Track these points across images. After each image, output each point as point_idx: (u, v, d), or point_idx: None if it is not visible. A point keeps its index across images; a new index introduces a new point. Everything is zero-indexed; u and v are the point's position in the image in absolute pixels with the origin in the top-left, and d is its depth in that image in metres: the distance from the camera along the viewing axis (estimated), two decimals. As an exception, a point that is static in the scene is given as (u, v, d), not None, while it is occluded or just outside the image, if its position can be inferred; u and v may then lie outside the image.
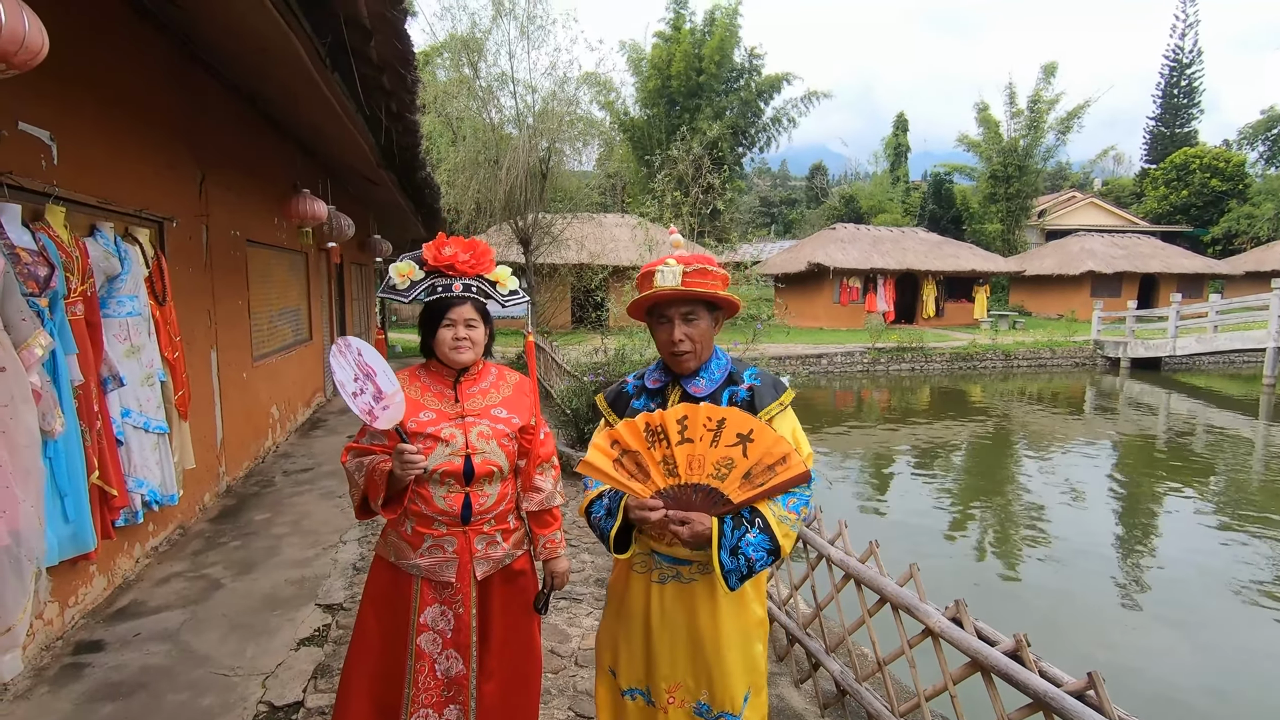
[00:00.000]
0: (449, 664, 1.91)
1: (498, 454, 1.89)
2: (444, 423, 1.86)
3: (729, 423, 1.68)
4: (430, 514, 1.86)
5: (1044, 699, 1.67)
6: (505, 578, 1.97)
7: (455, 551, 1.87)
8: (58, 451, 2.96)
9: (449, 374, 1.94)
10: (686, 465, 1.66)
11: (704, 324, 1.80)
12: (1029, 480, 9.15)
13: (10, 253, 2.73)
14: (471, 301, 1.88)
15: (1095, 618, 5.16)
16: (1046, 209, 35.97)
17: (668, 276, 1.76)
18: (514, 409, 1.97)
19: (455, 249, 1.89)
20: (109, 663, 2.96)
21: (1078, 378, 18.13)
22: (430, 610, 1.89)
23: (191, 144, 4.80)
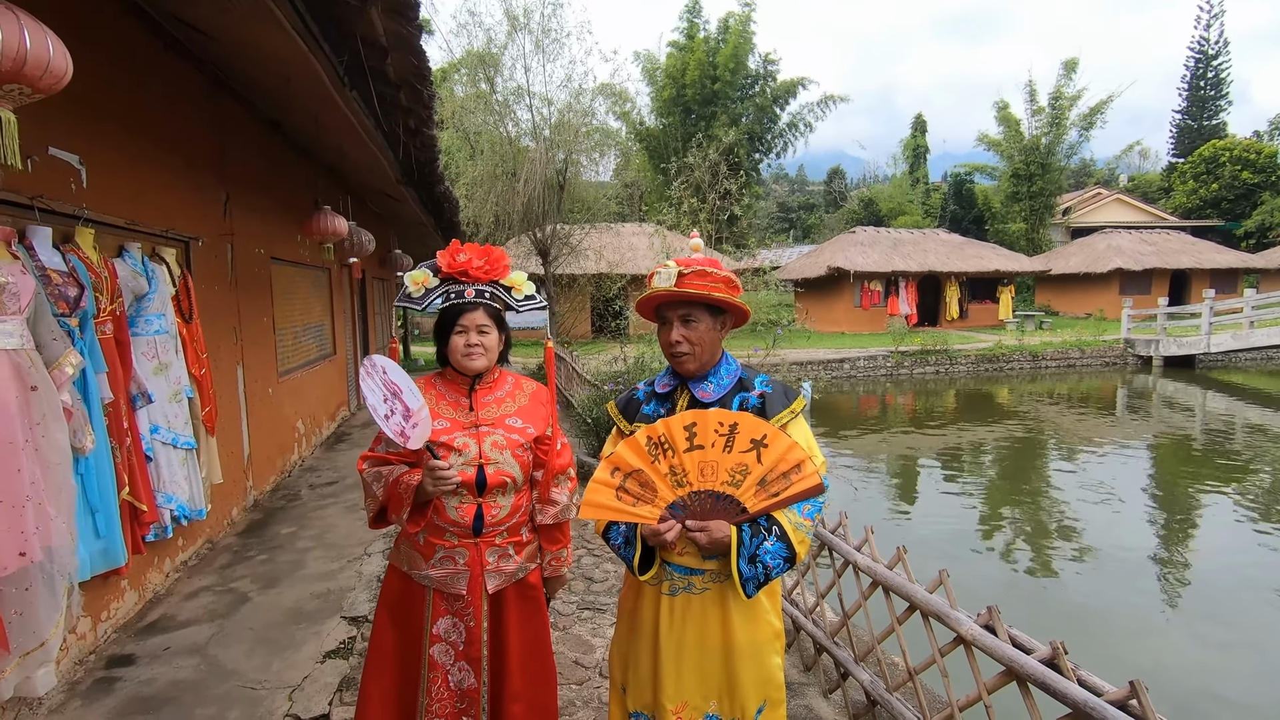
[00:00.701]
0: (461, 676, 1.89)
1: (511, 465, 1.87)
2: (457, 432, 1.85)
3: (741, 427, 1.65)
4: (442, 524, 1.85)
5: (1084, 709, 1.61)
6: (519, 592, 1.94)
7: (466, 564, 1.86)
8: (89, 468, 3.02)
9: (464, 382, 1.93)
10: (699, 472, 1.64)
11: (704, 326, 1.77)
12: (1060, 483, 8.92)
13: (42, 274, 2.80)
14: (484, 307, 1.87)
15: (1130, 623, 5.01)
16: (1071, 207, 35.35)
17: (663, 278, 1.76)
18: (530, 419, 1.95)
19: (469, 255, 1.89)
20: (139, 676, 3.00)
21: (1108, 378, 17.73)
22: (443, 621, 1.88)
23: (217, 167, 4.90)
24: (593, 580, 4.01)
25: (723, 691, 1.73)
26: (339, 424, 8.68)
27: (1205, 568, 6.09)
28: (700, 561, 1.71)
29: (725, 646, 1.71)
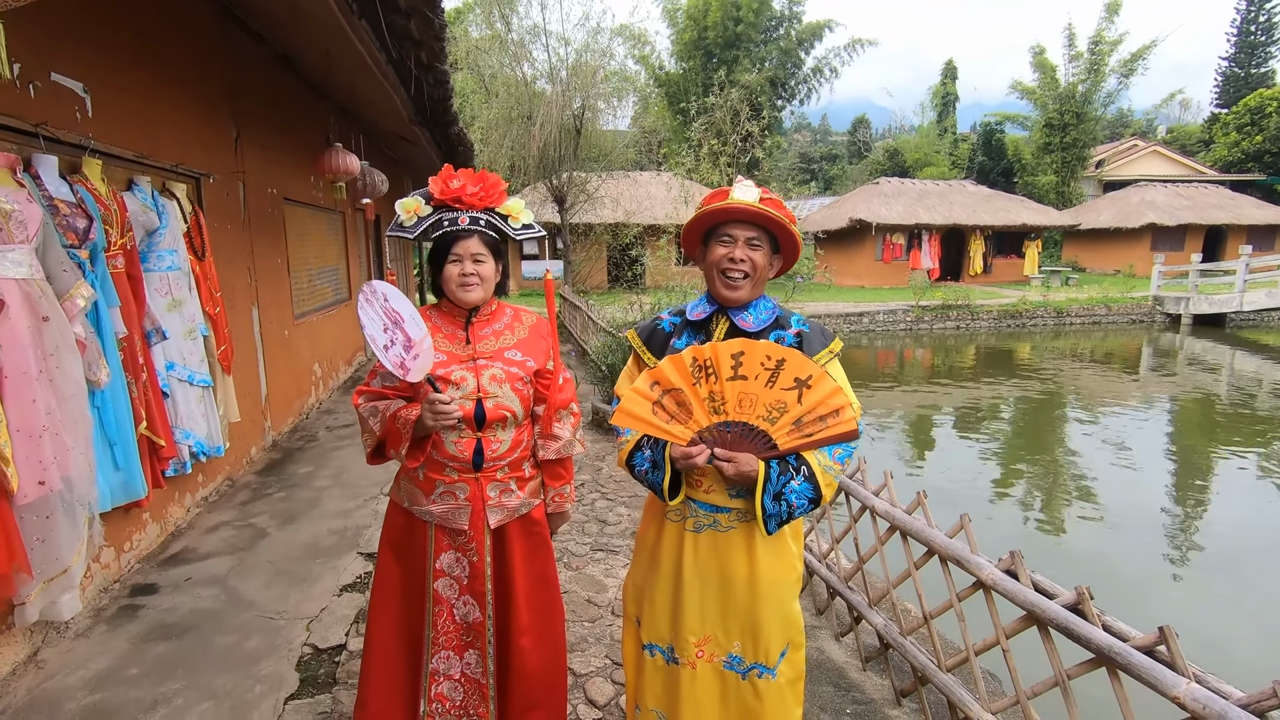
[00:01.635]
0: (466, 610, 1.88)
1: (511, 398, 1.82)
2: (454, 365, 1.79)
3: (788, 365, 1.58)
4: (441, 459, 1.80)
5: (1109, 654, 1.56)
6: (523, 527, 1.91)
7: (468, 499, 1.82)
8: (105, 401, 3.02)
9: (460, 314, 1.86)
10: (737, 403, 1.58)
11: (765, 255, 1.72)
12: (1079, 442, 8.79)
13: (49, 204, 2.75)
14: (479, 235, 1.79)
15: (1143, 582, 4.97)
16: (1105, 159, 34.06)
17: (746, 192, 1.68)
18: (529, 352, 1.89)
19: (463, 181, 1.79)
20: (162, 605, 3.07)
21: (1134, 335, 17.34)
22: (445, 556, 1.86)
23: (228, 102, 4.78)
24: (606, 523, 4.02)
25: (746, 633, 1.70)
26: (355, 369, 8.73)
27: (1222, 528, 5.99)
28: (727, 500, 1.68)
29: (751, 585, 1.68)
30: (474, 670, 1.89)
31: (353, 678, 2.54)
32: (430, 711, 1.89)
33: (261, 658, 2.67)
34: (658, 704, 1.82)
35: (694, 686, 1.75)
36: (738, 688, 1.73)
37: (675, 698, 1.77)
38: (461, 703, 1.91)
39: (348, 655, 2.69)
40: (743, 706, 1.73)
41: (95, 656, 2.68)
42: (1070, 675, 1.71)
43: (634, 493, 4.55)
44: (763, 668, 1.71)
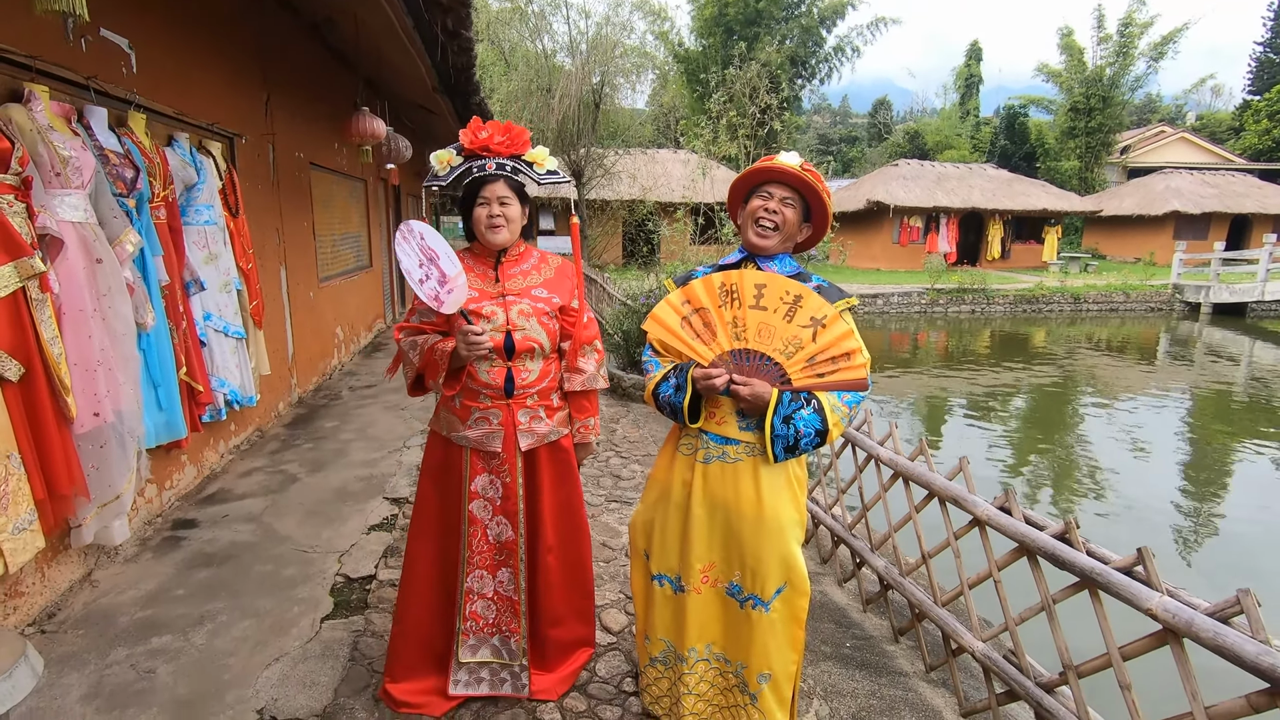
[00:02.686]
0: (499, 530, 2.03)
1: (538, 331, 1.95)
2: (485, 301, 1.93)
3: (805, 302, 1.70)
4: (476, 388, 1.95)
5: (1091, 575, 1.69)
6: (551, 453, 2.05)
7: (500, 424, 1.96)
8: (150, 344, 3.19)
9: (490, 255, 2.00)
10: (757, 332, 1.70)
11: (795, 215, 1.84)
12: (1091, 430, 8.72)
13: (100, 154, 2.90)
14: (505, 179, 1.92)
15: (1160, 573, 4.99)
16: (1131, 145, 33.45)
17: (789, 157, 1.84)
18: (555, 290, 2.02)
19: (491, 130, 1.92)
20: (203, 537, 3.26)
21: (1152, 324, 17.20)
22: (480, 479, 2.01)
23: (259, 66, 4.91)
24: (620, 478, 4.18)
25: (745, 565, 1.82)
26: (375, 335, 8.91)
27: (1234, 521, 5.95)
28: (737, 432, 1.79)
29: (754, 517, 1.79)
30: (506, 588, 2.05)
31: (383, 603, 2.72)
32: (465, 629, 2.06)
33: (298, 584, 2.85)
34: (666, 634, 1.96)
35: (700, 609, 1.88)
36: (735, 613, 1.86)
37: (682, 623, 1.90)
38: (495, 620, 2.07)
39: (377, 584, 2.86)
40: (737, 630, 1.86)
41: (144, 579, 2.87)
42: (1056, 599, 1.84)
43: (647, 452, 4.70)
44: (757, 599, 1.81)
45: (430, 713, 2.04)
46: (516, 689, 2.10)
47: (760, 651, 1.81)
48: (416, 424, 5.08)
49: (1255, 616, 1.37)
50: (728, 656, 1.90)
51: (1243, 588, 1.40)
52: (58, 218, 2.52)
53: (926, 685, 2.36)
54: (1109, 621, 1.69)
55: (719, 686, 1.92)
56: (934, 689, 2.34)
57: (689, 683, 1.90)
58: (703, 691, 1.91)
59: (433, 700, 2.06)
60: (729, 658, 1.89)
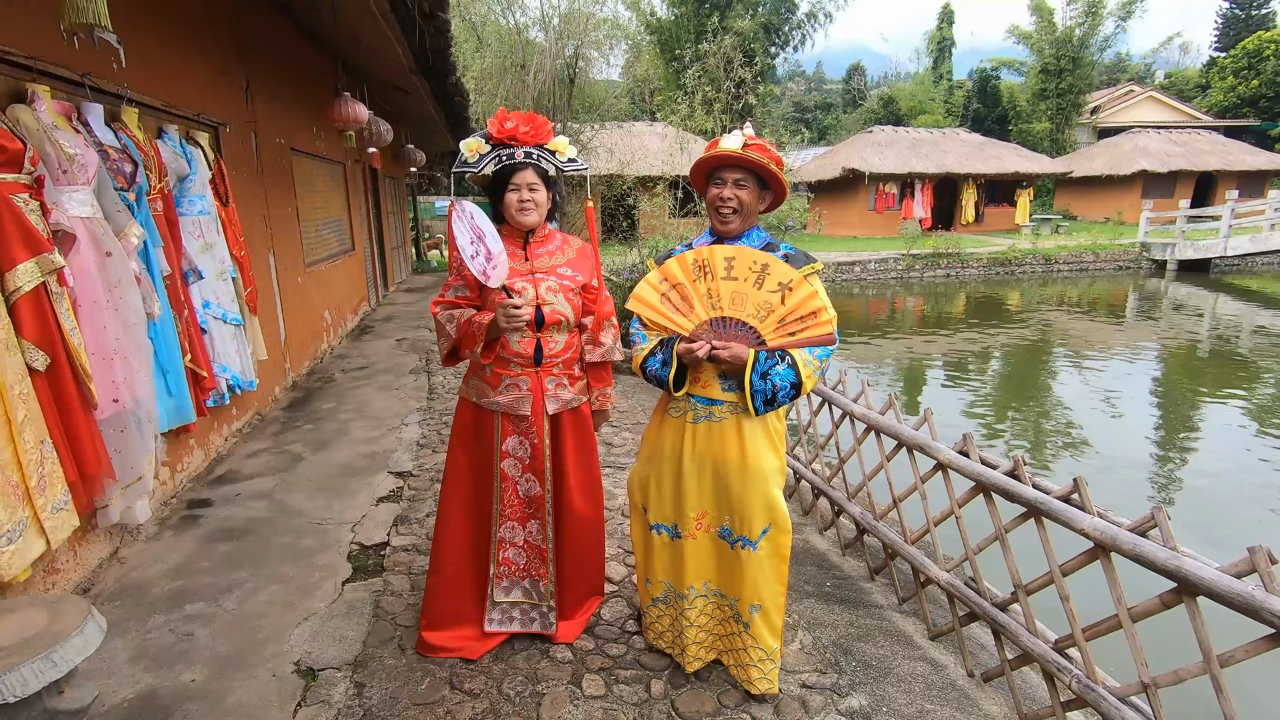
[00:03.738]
0: (528, 485, 2.24)
1: (564, 306, 2.15)
2: (516, 278, 2.11)
3: (771, 270, 1.89)
4: (507, 357, 2.15)
5: (1035, 504, 1.93)
6: (574, 419, 2.26)
7: (529, 389, 2.17)
8: (157, 333, 3.31)
9: (519, 236, 2.19)
10: (731, 300, 1.89)
11: (751, 193, 2.00)
12: (1064, 389, 8.97)
13: (100, 149, 2.99)
14: (533, 167, 2.10)
15: None
16: (1100, 105, 33.81)
17: (731, 140, 1.96)
18: (578, 269, 2.22)
19: (517, 121, 2.09)
20: (219, 515, 3.42)
21: (1121, 282, 17.68)
22: (510, 440, 2.21)
23: (237, 52, 4.94)
24: (613, 445, 4.39)
25: (735, 511, 2.04)
26: (361, 318, 8.99)
27: (1201, 475, 6.09)
28: (720, 394, 2.00)
29: (740, 469, 2.00)
30: (535, 537, 2.28)
31: (398, 566, 2.92)
32: (499, 573, 2.29)
33: (316, 553, 3.04)
34: (666, 576, 2.19)
35: (696, 552, 2.11)
36: (727, 553, 2.09)
37: (680, 566, 2.13)
38: (525, 565, 2.30)
39: (391, 550, 3.06)
40: (730, 568, 2.09)
41: (168, 554, 3.04)
42: (1007, 529, 2.08)
43: (636, 420, 4.91)
44: (745, 540, 2.04)
45: (467, 655, 2.27)
46: (545, 626, 2.34)
47: (751, 586, 2.04)
48: (412, 401, 5.25)
49: (1166, 529, 1.61)
50: (723, 592, 2.13)
51: (1157, 505, 1.63)
52: (68, 214, 2.63)
53: (899, 615, 2.62)
54: (1051, 544, 1.94)
55: (716, 619, 2.16)
56: (905, 618, 2.60)
57: (690, 616, 2.14)
58: (703, 624, 2.15)
59: (469, 644, 2.28)
60: (724, 593, 2.13)
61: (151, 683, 2.21)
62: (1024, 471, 2.02)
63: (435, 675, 2.21)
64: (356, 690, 2.16)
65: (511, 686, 2.16)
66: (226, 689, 2.18)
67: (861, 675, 2.23)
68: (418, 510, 3.42)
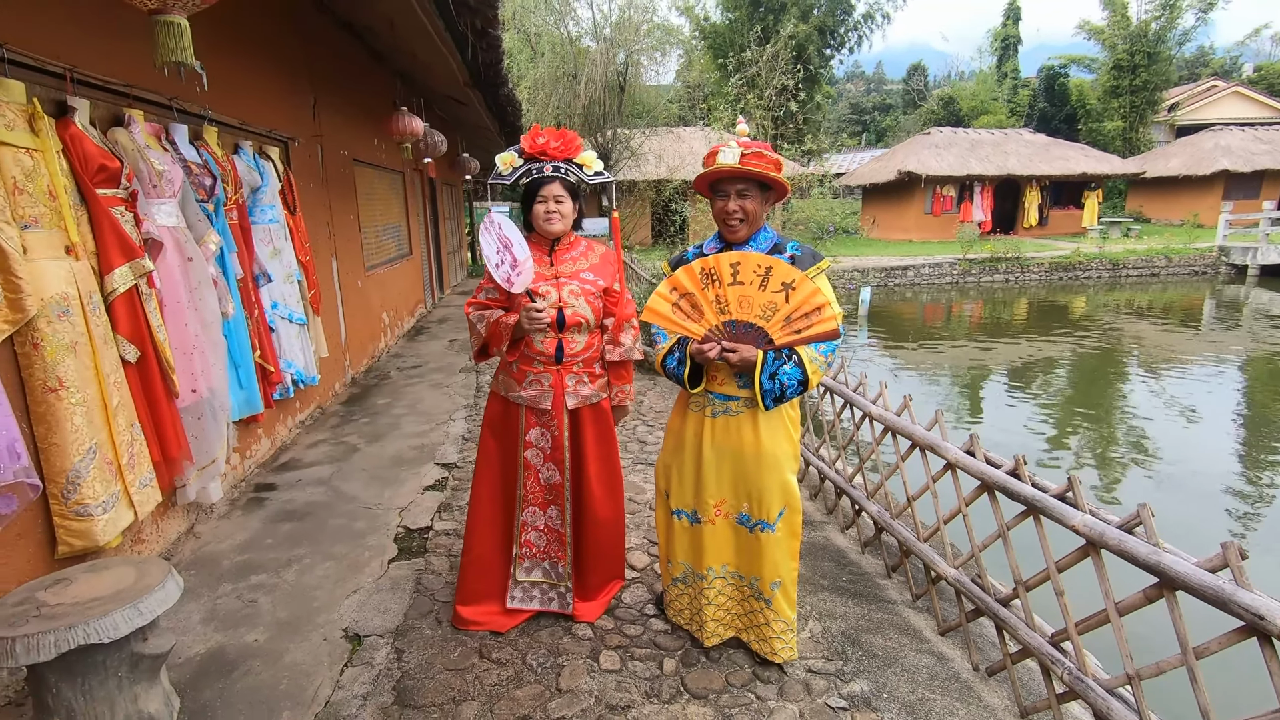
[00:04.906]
0: (549, 474, 2.43)
1: (585, 309, 2.32)
2: (541, 281, 2.30)
3: (774, 271, 2.02)
4: (532, 355, 2.34)
5: (1031, 502, 1.99)
6: (594, 414, 2.43)
7: (551, 385, 2.35)
8: (230, 331, 3.65)
9: (545, 243, 2.37)
10: (738, 304, 2.02)
11: (755, 200, 2.13)
12: (1134, 400, 8.47)
13: (184, 165, 3.34)
14: (560, 180, 2.28)
15: (1200, 548, 4.75)
16: (1179, 102, 32.11)
17: (728, 155, 2.08)
18: (600, 274, 2.39)
19: (547, 137, 2.28)
20: (282, 498, 3.74)
21: (1195, 288, 16.80)
22: (533, 431, 2.40)
23: (306, 71, 5.33)
24: (646, 444, 4.55)
25: (753, 497, 2.18)
26: (417, 319, 9.42)
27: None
28: (736, 390, 2.14)
29: (755, 456, 2.15)
30: (555, 522, 2.46)
31: (439, 549, 3.15)
32: (521, 554, 2.48)
33: (367, 534, 3.30)
34: (685, 558, 2.35)
35: (715, 537, 2.26)
36: (746, 537, 2.23)
37: (700, 549, 2.28)
38: (545, 547, 2.49)
39: (433, 534, 3.30)
40: (749, 551, 2.23)
41: (237, 531, 3.36)
42: (1009, 526, 2.14)
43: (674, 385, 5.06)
44: (764, 524, 2.19)
45: (496, 628, 2.47)
46: (562, 606, 2.52)
47: (771, 565, 2.19)
48: (460, 399, 5.53)
49: (1150, 526, 1.67)
50: (741, 573, 2.28)
51: (1142, 503, 1.69)
52: (156, 223, 2.96)
53: (911, 611, 2.69)
54: (1048, 541, 2.00)
55: (735, 599, 2.31)
56: (917, 614, 2.67)
57: (709, 595, 2.29)
58: (721, 603, 2.31)
59: (495, 618, 2.49)
60: (742, 574, 2.28)
61: (220, 640, 2.49)
62: (1024, 470, 2.08)
63: (466, 645, 2.41)
64: (396, 655, 2.38)
65: (535, 658, 2.34)
66: (284, 649, 2.44)
67: (866, 664, 2.32)
68: (459, 499, 3.66)
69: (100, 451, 2.52)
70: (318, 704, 2.16)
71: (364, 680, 2.26)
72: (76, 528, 2.45)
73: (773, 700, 2.15)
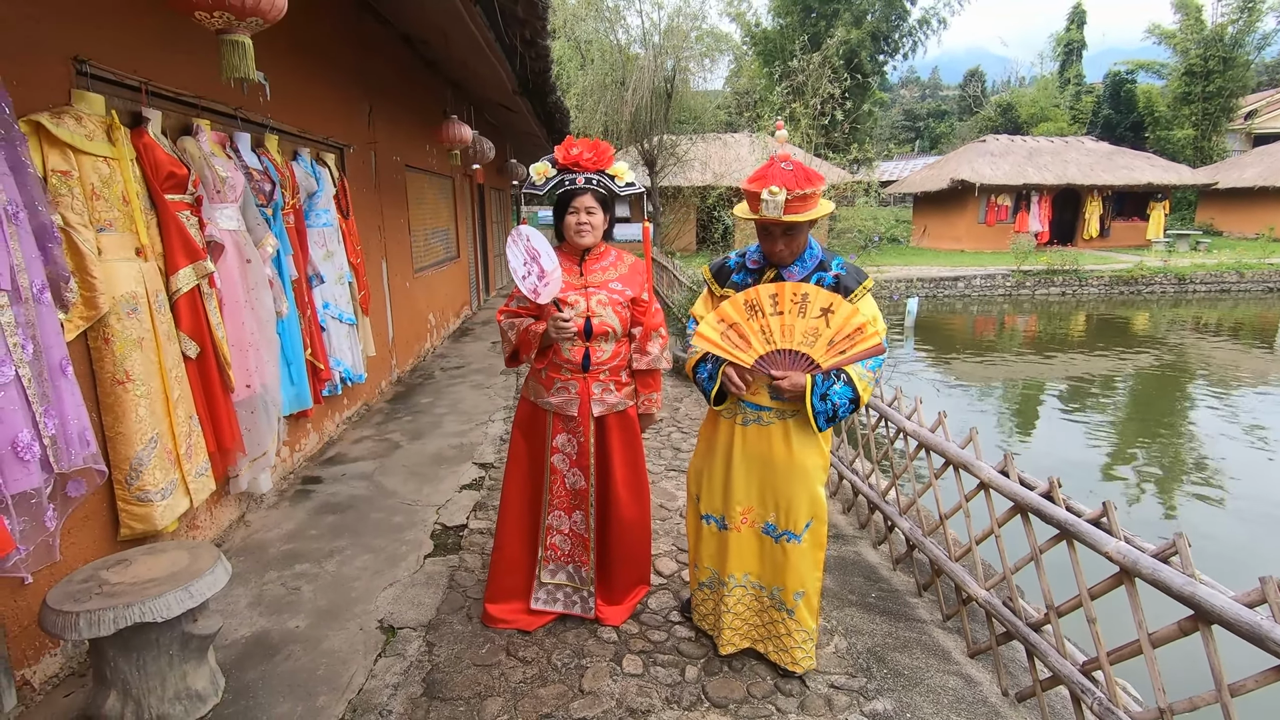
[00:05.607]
0: (575, 479, 2.48)
1: (612, 318, 2.36)
2: (570, 291, 2.35)
3: (811, 298, 2.02)
4: (559, 362, 2.39)
5: (1065, 526, 1.95)
6: (620, 421, 2.47)
7: (578, 393, 2.40)
8: (284, 329, 3.82)
9: (576, 253, 2.42)
10: (781, 333, 2.01)
11: (800, 234, 2.11)
12: (1200, 422, 8.08)
13: (245, 172, 3.51)
14: (592, 192, 2.32)
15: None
16: (1257, 109, 30.48)
17: (771, 208, 1.98)
18: (628, 284, 2.43)
19: (580, 149, 2.33)
20: (327, 491, 3.89)
21: (1270, 305, 15.92)
22: (559, 437, 2.45)
23: (362, 80, 5.54)
24: (680, 450, 4.57)
25: (780, 507, 2.20)
26: (463, 320, 9.64)
27: None
28: (769, 401, 2.16)
29: (785, 467, 2.16)
30: (579, 526, 2.51)
31: (473, 546, 3.23)
32: (546, 556, 2.54)
33: (405, 529, 3.41)
34: (711, 562, 2.37)
35: (740, 544, 2.28)
36: (771, 547, 2.24)
37: (724, 555, 2.30)
38: (569, 551, 2.54)
39: (468, 532, 3.39)
40: (774, 561, 2.24)
41: (284, 521, 3.51)
42: (1042, 549, 2.10)
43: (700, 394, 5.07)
44: (790, 534, 2.20)
45: (523, 627, 2.53)
46: (585, 610, 2.56)
47: (795, 576, 2.20)
48: (500, 400, 5.65)
49: (1186, 557, 1.62)
50: (762, 584, 2.29)
51: (1178, 532, 1.64)
52: (219, 227, 3.13)
53: (940, 631, 2.65)
54: (1081, 567, 1.95)
55: (754, 609, 2.32)
56: (947, 634, 2.63)
57: (728, 603, 2.31)
58: (739, 611, 2.32)
59: (522, 617, 2.55)
60: (764, 585, 2.29)
61: (265, 625, 2.61)
62: (1059, 494, 2.04)
63: (495, 642, 2.48)
64: (427, 648, 2.47)
65: (559, 658, 2.39)
66: (323, 636, 2.54)
67: (891, 682, 2.30)
68: (494, 499, 3.74)
69: (161, 441, 2.68)
70: (351, 690, 2.25)
71: (396, 671, 2.34)
72: (138, 512, 2.61)
73: (793, 713, 2.15)
